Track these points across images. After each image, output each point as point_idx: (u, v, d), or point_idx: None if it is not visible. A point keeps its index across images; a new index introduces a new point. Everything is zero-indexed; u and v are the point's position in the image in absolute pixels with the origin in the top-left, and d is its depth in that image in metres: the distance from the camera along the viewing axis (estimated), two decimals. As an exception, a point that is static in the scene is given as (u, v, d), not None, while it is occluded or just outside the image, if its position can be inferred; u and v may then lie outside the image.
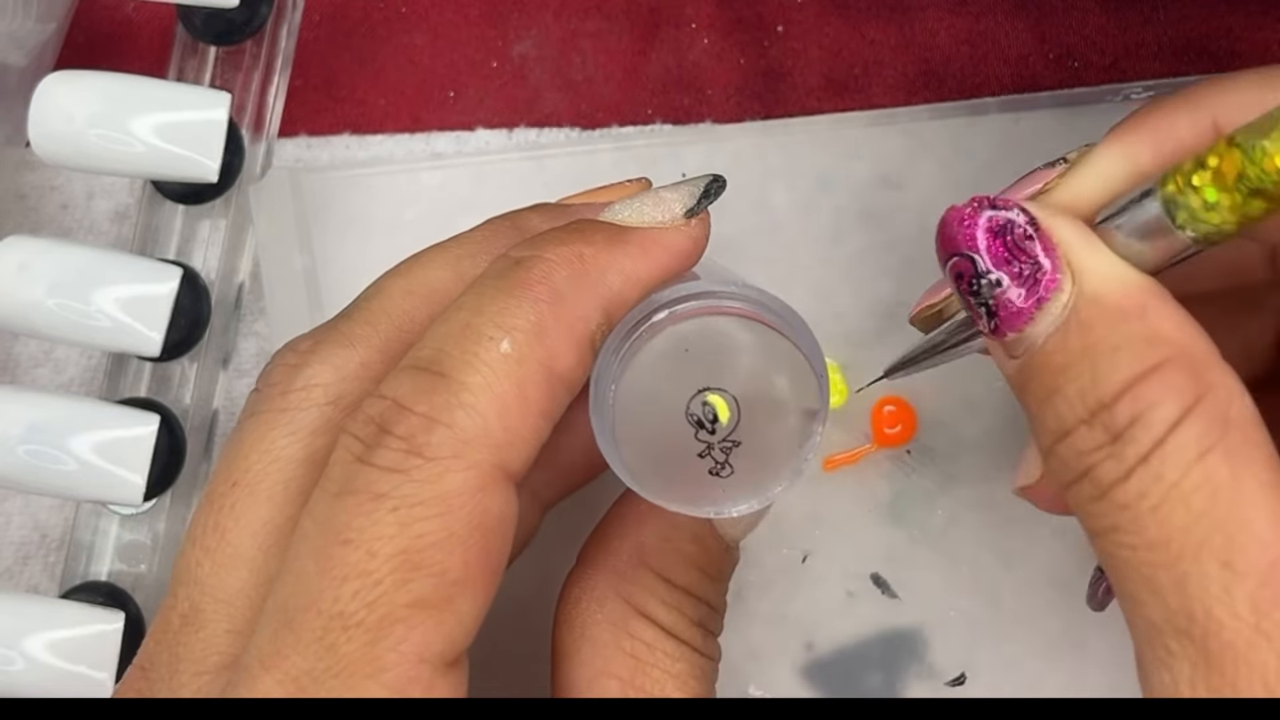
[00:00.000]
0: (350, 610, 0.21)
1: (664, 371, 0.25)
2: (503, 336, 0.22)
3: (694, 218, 0.26)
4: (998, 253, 0.23)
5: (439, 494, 0.21)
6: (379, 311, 0.26)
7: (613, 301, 0.24)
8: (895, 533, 0.35)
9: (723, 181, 0.27)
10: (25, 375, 0.38)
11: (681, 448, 0.25)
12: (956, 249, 0.23)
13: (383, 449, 0.21)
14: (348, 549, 0.21)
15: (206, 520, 0.25)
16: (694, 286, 0.25)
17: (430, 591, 0.21)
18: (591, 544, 0.27)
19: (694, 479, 0.25)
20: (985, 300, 0.23)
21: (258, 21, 0.37)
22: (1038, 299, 0.22)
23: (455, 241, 0.27)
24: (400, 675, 0.21)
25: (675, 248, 0.25)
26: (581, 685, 0.25)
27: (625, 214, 0.26)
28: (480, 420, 0.22)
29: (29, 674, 0.32)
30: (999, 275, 0.23)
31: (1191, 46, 0.37)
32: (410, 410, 0.22)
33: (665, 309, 0.25)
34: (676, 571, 0.26)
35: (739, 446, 0.25)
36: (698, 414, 0.25)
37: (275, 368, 0.26)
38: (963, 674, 0.34)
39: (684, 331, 0.25)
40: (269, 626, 0.21)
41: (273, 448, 0.25)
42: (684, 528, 0.26)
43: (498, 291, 0.23)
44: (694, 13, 0.38)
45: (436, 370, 0.22)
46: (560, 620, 0.26)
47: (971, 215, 0.23)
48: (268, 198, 0.36)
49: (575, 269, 0.24)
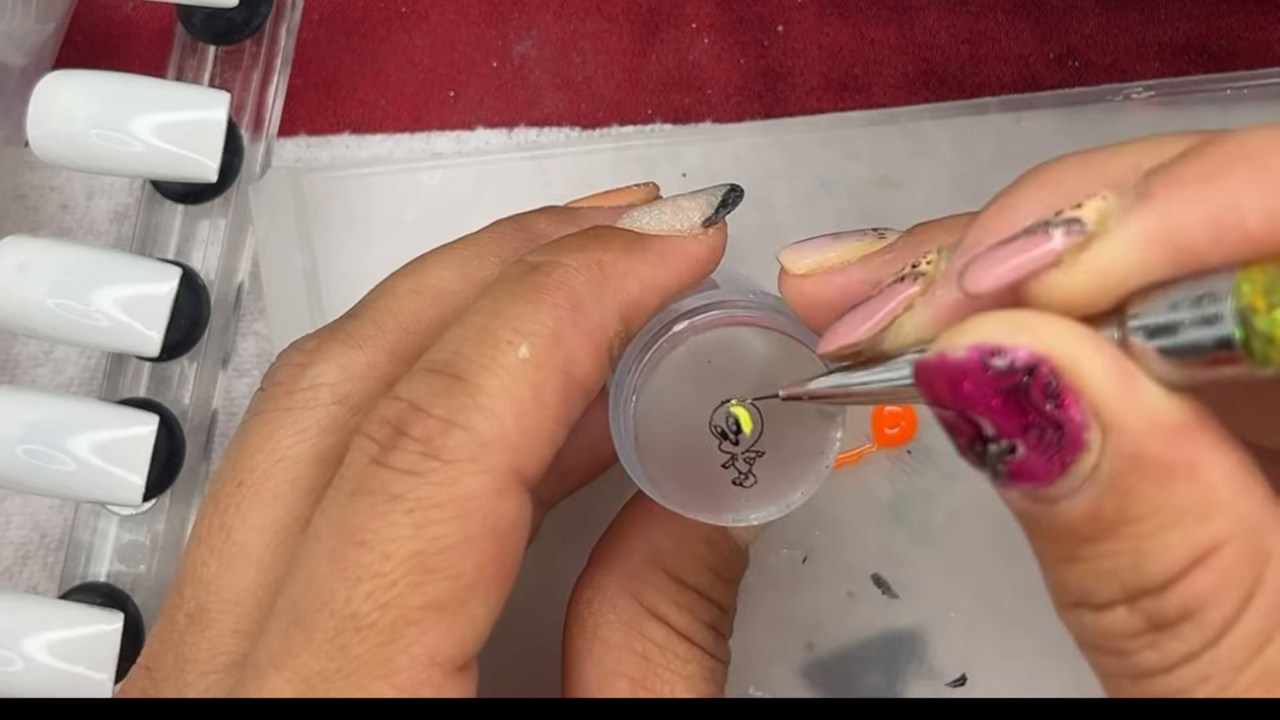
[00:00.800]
0: (363, 611, 0.21)
1: (686, 383, 0.25)
2: (521, 341, 0.22)
3: (712, 227, 0.26)
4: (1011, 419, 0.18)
5: (455, 497, 0.21)
6: (385, 312, 0.26)
7: (631, 309, 0.24)
8: (895, 533, 0.35)
9: (740, 191, 0.26)
10: (25, 375, 0.38)
11: (705, 458, 0.25)
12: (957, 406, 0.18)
13: (399, 451, 0.21)
14: (362, 550, 0.21)
15: (212, 520, 0.25)
16: (712, 296, 0.25)
17: (444, 595, 0.21)
18: (604, 545, 0.27)
19: (717, 489, 0.25)
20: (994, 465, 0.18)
21: (257, 21, 0.37)
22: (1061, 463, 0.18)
23: (462, 243, 0.27)
24: (411, 677, 0.21)
25: (693, 256, 0.25)
26: (592, 685, 0.25)
27: (644, 221, 0.26)
28: (497, 424, 0.22)
29: (28, 674, 0.32)
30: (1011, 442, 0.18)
31: (1192, 46, 0.37)
32: (427, 413, 0.22)
33: (685, 319, 0.25)
34: (689, 573, 0.26)
35: (762, 456, 0.25)
36: (721, 425, 0.25)
37: (281, 367, 0.26)
38: (963, 675, 0.34)
39: (705, 343, 0.25)
40: (279, 626, 0.21)
41: (279, 447, 0.25)
42: (697, 530, 0.26)
43: (515, 296, 0.23)
44: (694, 12, 0.38)
45: (454, 373, 0.22)
46: (572, 620, 0.26)
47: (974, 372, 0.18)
48: (267, 197, 0.36)
49: (594, 275, 0.24)
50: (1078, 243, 0.18)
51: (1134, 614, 0.18)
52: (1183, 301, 0.17)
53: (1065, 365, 0.17)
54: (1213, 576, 0.17)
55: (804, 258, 0.24)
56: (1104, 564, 0.18)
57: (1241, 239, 0.17)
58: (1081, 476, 0.18)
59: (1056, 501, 0.18)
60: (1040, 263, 0.18)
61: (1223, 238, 0.17)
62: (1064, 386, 0.17)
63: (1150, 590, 0.18)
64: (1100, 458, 0.18)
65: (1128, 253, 0.17)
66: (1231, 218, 0.17)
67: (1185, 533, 0.17)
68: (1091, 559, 0.18)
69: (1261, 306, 0.15)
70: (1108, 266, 0.18)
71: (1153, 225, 0.17)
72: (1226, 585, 0.17)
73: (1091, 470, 0.18)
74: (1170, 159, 0.18)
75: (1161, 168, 0.18)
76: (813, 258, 0.24)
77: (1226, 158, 0.17)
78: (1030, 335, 0.18)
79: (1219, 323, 0.16)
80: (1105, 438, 0.18)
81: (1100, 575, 0.18)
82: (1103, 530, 0.18)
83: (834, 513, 0.35)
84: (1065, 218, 0.18)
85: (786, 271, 0.24)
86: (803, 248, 0.24)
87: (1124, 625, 0.18)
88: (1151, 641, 0.18)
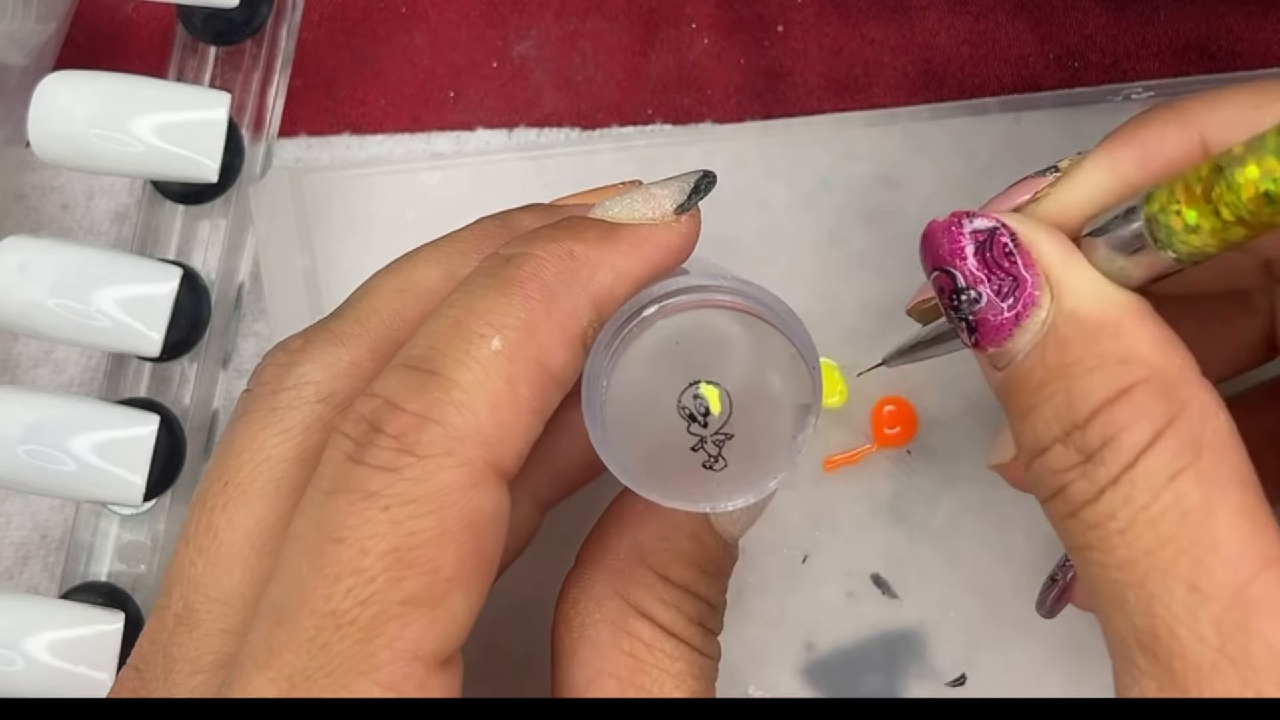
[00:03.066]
0: (343, 608, 0.21)
1: (655, 366, 0.25)
2: (494, 334, 0.22)
3: (684, 214, 0.26)
4: (977, 268, 0.23)
5: (431, 492, 0.21)
6: (369, 310, 0.26)
7: (604, 298, 0.24)
8: (895, 533, 0.35)
9: (713, 177, 0.26)
10: (25, 375, 0.38)
11: (675, 442, 0.25)
12: (938, 263, 0.23)
13: (374, 447, 0.21)
14: (340, 547, 0.21)
15: (199, 520, 0.25)
16: (684, 280, 0.25)
17: (423, 589, 0.21)
18: (589, 544, 0.27)
19: (688, 473, 0.25)
20: (965, 315, 0.23)
21: (258, 21, 0.37)
22: (1016, 315, 0.22)
23: (446, 240, 0.27)
24: (394, 673, 0.21)
25: (666, 244, 0.25)
26: (581, 685, 0.25)
27: (616, 210, 0.26)
28: (472, 418, 0.22)
29: (29, 674, 0.32)
30: (977, 291, 0.23)
31: (1192, 46, 0.37)
32: (401, 408, 0.22)
33: (655, 303, 0.25)
34: (675, 570, 0.26)
35: (732, 439, 0.25)
36: (690, 407, 0.25)
37: (266, 367, 0.26)
38: (963, 675, 0.34)
39: (674, 325, 0.25)
40: (262, 625, 0.21)
41: (264, 446, 0.25)
42: (682, 526, 0.26)
43: (488, 289, 0.23)
44: (694, 13, 0.38)
45: (428, 368, 0.22)
46: (559, 620, 0.26)
47: (952, 229, 0.23)
48: (268, 198, 0.36)
49: (566, 266, 0.24)
50: (1050, 180, 0.25)
51: (1068, 448, 0.21)
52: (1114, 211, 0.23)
53: (1023, 236, 0.23)
54: (1128, 409, 0.21)
55: None
56: (1047, 407, 0.22)
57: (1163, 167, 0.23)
58: (1033, 331, 0.22)
59: (1015, 356, 0.22)
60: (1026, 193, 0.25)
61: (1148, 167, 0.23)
62: (1020, 249, 0.22)
63: (1079, 424, 0.21)
64: (1048, 314, 0.22)
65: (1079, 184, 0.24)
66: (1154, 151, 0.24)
67: (1107, 372, 0.21)
68: (1039, 403, 0.22)
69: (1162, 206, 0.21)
70: (1065, 195, 0.24)
71: (1100, 163, 0.24)
72: (1140, 416, 0.21)
73: (1041, 326, 0.22)
74: None
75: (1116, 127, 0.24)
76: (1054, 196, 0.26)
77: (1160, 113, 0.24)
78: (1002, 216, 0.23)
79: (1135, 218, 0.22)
80: (1053, 299, 0.22)
81: (1045, 419, 0.22)
82: (1047, 375, 0.22)
83: (834, 513, 0.35)
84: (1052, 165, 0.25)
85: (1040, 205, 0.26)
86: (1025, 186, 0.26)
87: (1060, 459, 0.21)
88: (1082, 471, 0.21)
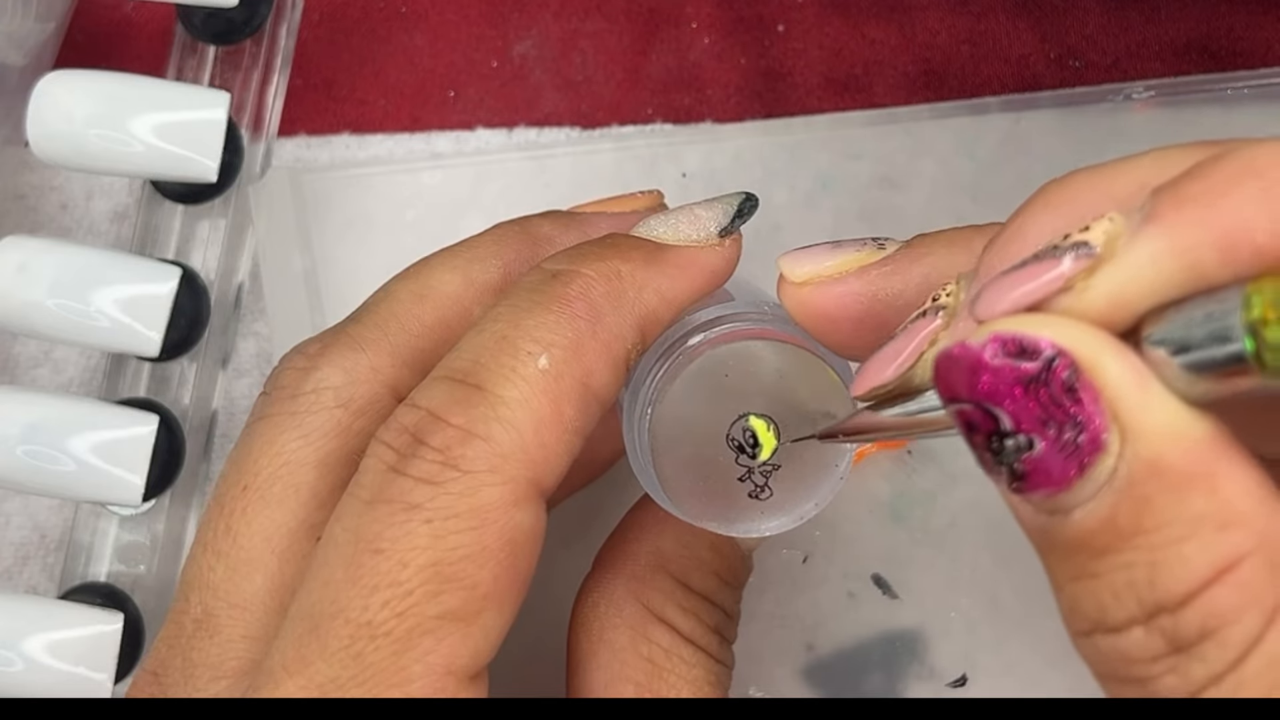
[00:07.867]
0: (379, 620, 0.21)
1: (703, 396, 0.25)
2: (540, 352, 0.22)
3: (728, 237, 0.25)
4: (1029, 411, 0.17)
5: (473, 508, 0.21)
6: (388, 315, 0.26)
7: (648, 320, 0.24)
8: (896, 533, 0.35)
9: (755, 200, 0.26)
10: (25, 375, 0.38)
11: (721, 471, 0.25)
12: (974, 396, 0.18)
13: (418, 459, 0.21)
14: (379, 558, 0.21)
15: (218, 524, 0.24)
16: (726, 308, 0.25)
17: (460, 605, 0.21)
18: (608, 549, 0.27)
19: (732, 502, 0.25)
20: (1009, 462, 0.18)
21: (257, 21, 0.37)
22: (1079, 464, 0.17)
23: (464, 246, 0.27)
24: (425, 686, 0.21)
25: (710, 267, 0.25)
26: (598, 689, 0.25)
27: (660, 231, 0.25)
28: (517, 436, 0.22)
29: (28, 675, 0.32)
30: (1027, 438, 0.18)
31: (1193, 46, 0.37)
32: (446, 421, 0.22)
33: (700, 331, 0.25)
34: (695, 578, 0.26)
35: (778, 470, 0.25)
36: (739, 439, 0.25)
37: (284, 371, 0.26)
38: (963, 675, 0.34)
39: (721, 355, 0.25)
40: (294, 632, 0.21)
41: (284, 451, 0.25)
42: (702, 535, 0.26)
43: (535, 305, 0.23)
44: (694, 12, 0.38)
45: (473, 382, 0.22)
46: (577, 624, 0.26)
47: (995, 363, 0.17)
48: (267, 198, 0.36)
49: (613, 286, 0.24)
50: (1086, 267, 0.18)
51: (1152, 634, 0.17)
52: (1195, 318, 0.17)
53: (1086, 361, 0.17)
54: (1233, 592, 0.17)
55: (802, 266, 0.24)
56: (1119, 578, 0.17)
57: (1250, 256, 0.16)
58: (1098, 482, 0.17)
59: (1071, 510, 0.18)
60: (1050, 288, 0.18)
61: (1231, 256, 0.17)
62: (1083, 382, 0.17)
63: (1168, 607, 0.17)
64: (1118, 462, 0.17)
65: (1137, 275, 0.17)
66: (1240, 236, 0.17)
67: (1203, 544, 0.17)
68: (1106, 573, 0.17)
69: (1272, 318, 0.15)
70: (1117, 289, 0.17)
71: (1160, 247, 0.17)
72: (1248, 602, 0.17)
73: (1109, 475, 0.17)
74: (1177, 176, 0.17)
75: (1169, 186, 0.17)
76: (810, 266, 0.23)
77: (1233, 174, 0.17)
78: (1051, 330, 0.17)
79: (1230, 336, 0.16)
80: (1124, 442, 0.17)
81: (1116, 592, 0.17)
82: (1118, 540, 0.17)
83: (834, 513, 0.35)
84: (1073, 241, 0.18)
85: (785, 279, 0.24)
86: (801, 255, 0.24)
87: (1142, 647, 0.17)
88: (1172, 665, 0.17)
